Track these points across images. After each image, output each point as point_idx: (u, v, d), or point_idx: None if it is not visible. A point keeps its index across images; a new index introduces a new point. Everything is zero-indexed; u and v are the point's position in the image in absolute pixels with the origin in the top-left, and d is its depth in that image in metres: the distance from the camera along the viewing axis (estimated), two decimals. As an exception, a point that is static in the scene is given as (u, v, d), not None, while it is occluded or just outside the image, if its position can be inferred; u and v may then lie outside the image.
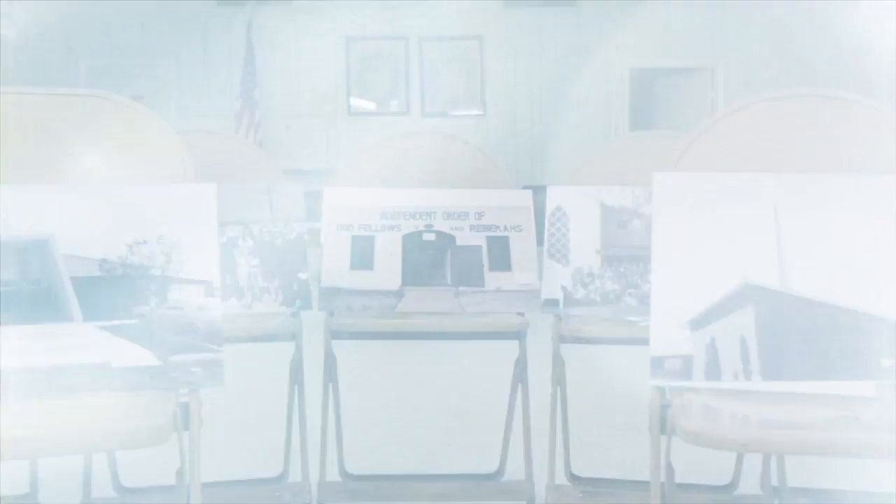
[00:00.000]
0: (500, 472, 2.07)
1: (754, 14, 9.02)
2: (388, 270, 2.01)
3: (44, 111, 1.28)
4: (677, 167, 1.36)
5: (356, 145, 9.03)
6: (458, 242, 2.06)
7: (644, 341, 1.22)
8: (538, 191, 2.13)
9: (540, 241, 2.03)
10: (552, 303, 1.97)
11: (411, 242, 2.05)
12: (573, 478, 2.00)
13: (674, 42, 9.01)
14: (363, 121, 8.98)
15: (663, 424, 1.16)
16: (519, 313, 1.95)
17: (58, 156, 1.26)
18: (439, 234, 2.07)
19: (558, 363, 1.94)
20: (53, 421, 1.00)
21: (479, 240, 2.06)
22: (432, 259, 2.04)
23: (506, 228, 2.07)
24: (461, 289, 2.01)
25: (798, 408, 1.13)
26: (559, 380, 1.95)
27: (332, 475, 1.96)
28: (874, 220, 1.24)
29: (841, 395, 1.17)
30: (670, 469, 1.17)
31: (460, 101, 9.02)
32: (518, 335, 1.90)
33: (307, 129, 8.95)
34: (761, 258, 1.25)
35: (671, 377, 1.21)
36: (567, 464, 2.00)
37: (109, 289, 1.18)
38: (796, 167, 1.31)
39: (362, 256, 2.03)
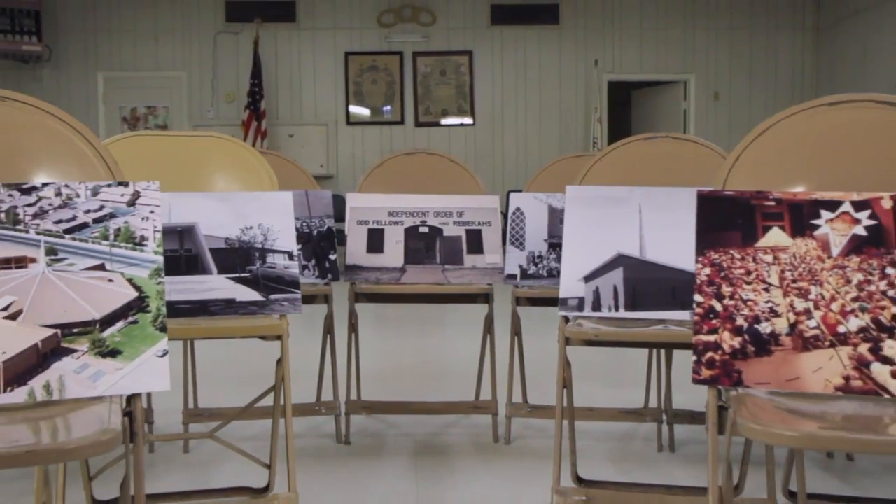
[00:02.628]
0: (476, 398, 2.85)
1: (722, 32, 9.71)
2: (394, 253, 2.79)
3: (183, 147, 2.05)
4: (581, 182, 2.14)
5: (355, 152, 9.68)
6: (445, 233, 2.84)
7: (560, 292, 1.99)
8: (508, 194, 2.90)
9: (504, 232, 2.81)
10: (512, 276, 2.74)
11: (411, 233, 2.83)
12: (525, 401, 2.78)
13: (649, 58, 9.54)
14: (361, 129, 9.46)
15: (566, 337, 1.94)
16: (488, 284, 2.72)
17: (194, 174, 2.03)
18: (431, 227, 2.85)
19: (515, 319, 2.72)
20: (218, 323, 1.78)
21: (460, 231, 2.84)
22: (426, 245, 2.82)
23: (479, 223, 2.85)
24: (447, 266, 2.79)
25: (641, 324, 1.91)
26: (516, 331, 2.74)
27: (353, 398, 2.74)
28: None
29: (671, 318, 1.95)
30: (568, 363, 1.94)
31: (451, 111, 9.51)
32: (487, 299, 2.68)
33: (309, 137, 9.44)
34: (629, 238, 2.03)
35: (571, 310, 1.99)
36: (523, 391, 2.78)
37: (231, 255, 1.96)
38: (654, 182, 2.09)
39: (375, 243, 2.81)
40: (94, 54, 9.48)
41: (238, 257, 1.96)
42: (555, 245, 2.77)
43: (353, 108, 9.47)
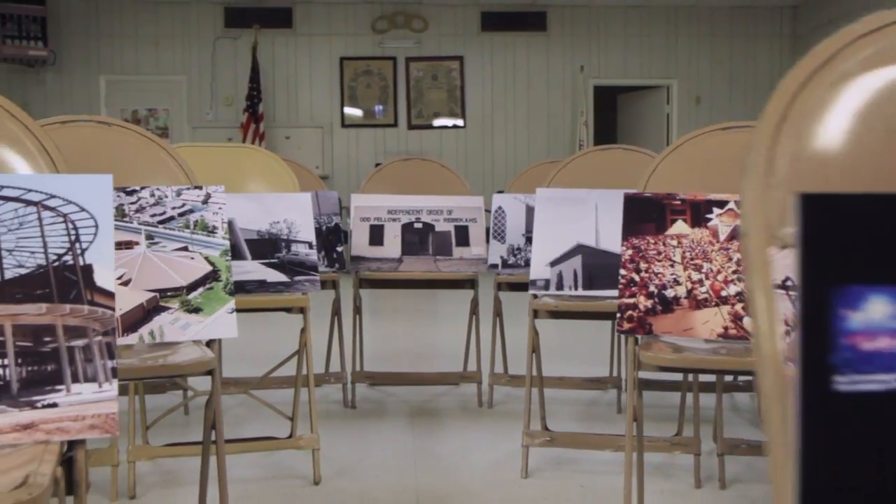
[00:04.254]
0: (463, 370, 3.30)
1: (703, 38, 10.11)
2: (392, 246, 3.24)
3: (222, 155, 2.49)
4: (549, 184, 2.59)
5: (349, 153, 10.03)
6: (437, 229, 3.29)
7: (528, 273, 2.45)
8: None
9: (488, 228, 3.26)
10: (494, 266, 3.19)
11: (407, 229, 3.28)
12: (506, 372, 3.24)
13: (633, 63, 9.85)
14: (356, 132, 9.73)
15: (534, 312, 2.39)
16: (474, 272, 3.17)
17: (231, 178, 2.47)
18: (425, 223, 3.30)
19: (497, 302, 3.18)
20: (254, 298, 2.22)
21: (449, 227, 3.29)
22: (420, 239, 3.27)
23: (466, 220, 3.30)
24: (438, 257, 3.24)
25: (596, 300, 2.37)
26: (498, 312, 3.19)
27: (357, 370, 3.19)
28: (642, 212, 2.47)
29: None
30: (536, 332, 2.40)
31: (443, 114, 9.79)
32: (473, 285, 3.13)
33: (305, 139, 9.69)
34: (586, 231, 2.49)
35: (539, 289, 2.44)
36: (504, 363, 3.23)
37: (262, 245, 2.40)
38: (608, 185, 2.55)
39: (376, 237, 3.25)
40: (96, 58, 9.60)
41: (268, 246, 2.40)
42: (532, 239, 3.22)
43: (348, 111, 9.74)
